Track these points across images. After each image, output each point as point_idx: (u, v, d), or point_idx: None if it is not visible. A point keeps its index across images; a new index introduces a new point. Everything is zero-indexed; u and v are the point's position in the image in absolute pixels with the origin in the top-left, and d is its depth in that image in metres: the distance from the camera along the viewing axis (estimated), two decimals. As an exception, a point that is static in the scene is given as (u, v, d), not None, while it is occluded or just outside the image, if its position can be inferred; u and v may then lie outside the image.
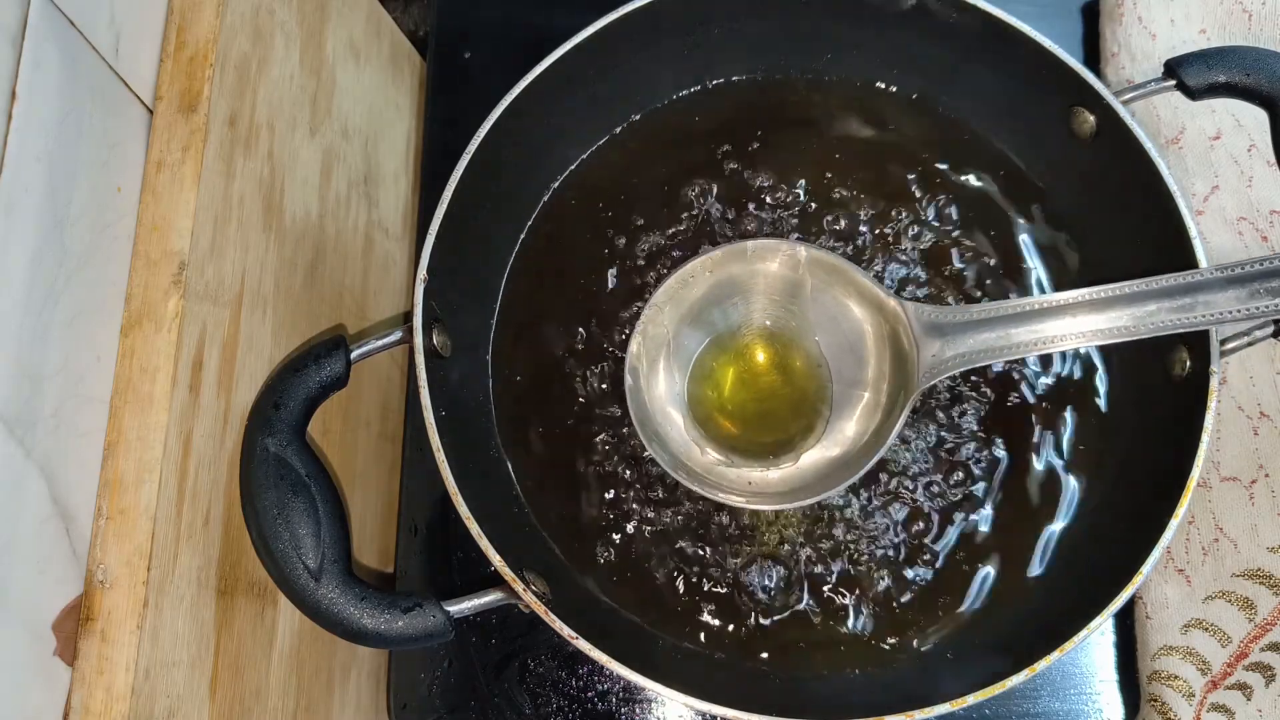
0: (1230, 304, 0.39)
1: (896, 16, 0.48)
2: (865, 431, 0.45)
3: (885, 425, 0.43)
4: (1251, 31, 0.55)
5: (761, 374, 0.48)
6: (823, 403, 0.46)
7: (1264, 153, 0.53)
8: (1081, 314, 0.40)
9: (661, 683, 0.38)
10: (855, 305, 0.45)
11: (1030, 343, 0.41)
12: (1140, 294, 0.40)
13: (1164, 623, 0.49)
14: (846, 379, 0.46)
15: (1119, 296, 0.40)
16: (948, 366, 0.42)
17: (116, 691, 0.34)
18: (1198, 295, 0.39)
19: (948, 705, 0.37)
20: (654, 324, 0.45)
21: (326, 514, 0.38)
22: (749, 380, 0.48)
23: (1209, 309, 0.39)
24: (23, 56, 0.33)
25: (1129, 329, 0.40)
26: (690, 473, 0.44)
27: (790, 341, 0.47)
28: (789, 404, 0.47)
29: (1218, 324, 0.39)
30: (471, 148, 0.44)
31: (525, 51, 0.46)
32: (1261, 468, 0.49)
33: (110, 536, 0.36)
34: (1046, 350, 0.41)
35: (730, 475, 0.45)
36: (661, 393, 0.46)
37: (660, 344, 0.46)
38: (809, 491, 0.44)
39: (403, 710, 0.51)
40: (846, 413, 0.45)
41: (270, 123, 0.44)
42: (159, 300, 0.38)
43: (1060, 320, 0.41)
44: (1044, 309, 0.41)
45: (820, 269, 0.45)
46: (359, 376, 0.42)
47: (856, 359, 0.46)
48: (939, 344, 0.42)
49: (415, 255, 0.55)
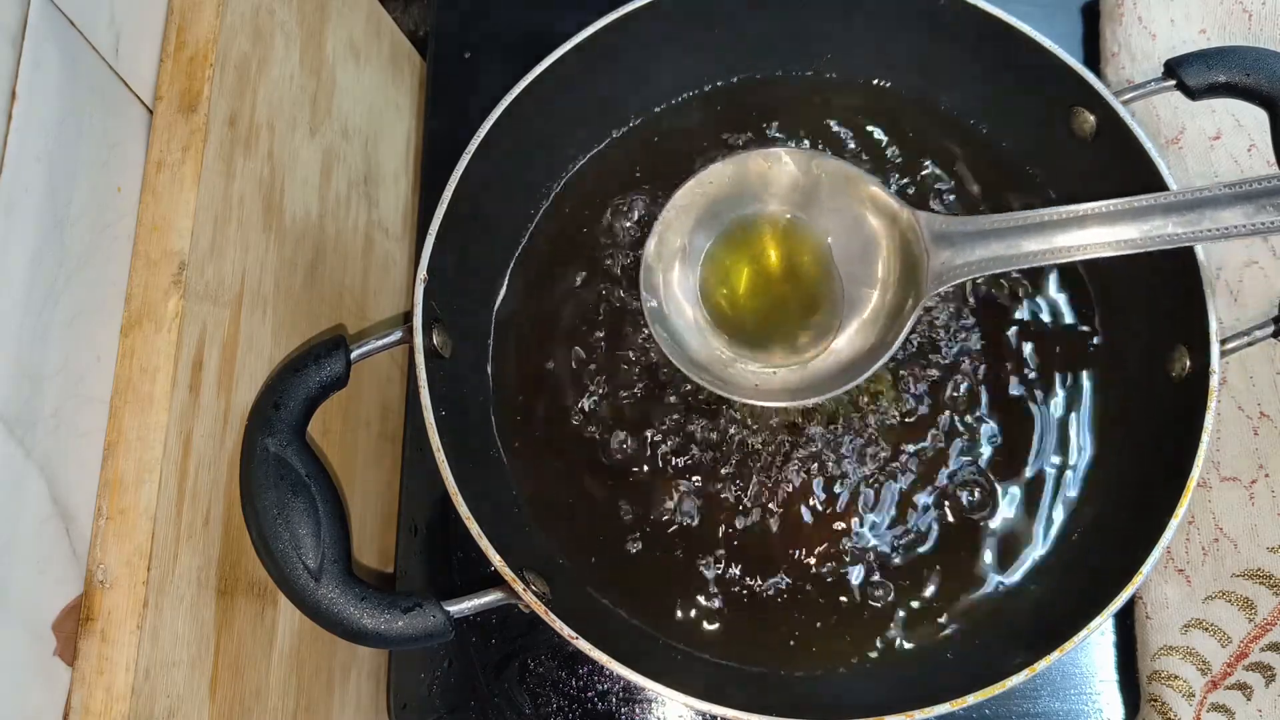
0: (1237, 219, 0.39)
1: (897, 17, 0.49)
2: (873, 334, 0.45)
3: (893, 330, 0.43)
4: (1251, 31, 0.55)
5: (773, 273, 0.48)
6: (833, 306, 0.46)
7: (1264, 153, 0.53)
8: (1091, 226, 0.40)
9: (661, 683, 0.38)
10: (868, 213, 0.45)
11: (1039, 252, 0.41)
12: (1149, 208, 0.40)
13: (1164, 623, 0.49)
14: (857, 283, 0.46)
15: (1127, 210, 0.40)
16: (958, 274, 0.42)
17: (116, 691, 0.34)
18: (1204, 210, 0.39)
19: (948, 705, 0.37)
20: (670, 226, 0.46)
21: (326, 514, 0.38)
22: (760, 278, 0.48)
23: (1216, 223, 0.39)
24: (23, 56, 0.33)
25: (1137, 241, 0.40)
26: (696, 368, 0.44)
27: (802, 244, 0.47)
28: (799, 305, 0.47)
29: (1224, 238, 0.39)
30: (471, 148, 0.44)
31: (525, 51, 0.46)
32: (1261, 468, 0.49)
33: (110, 536, 0.36)
34: (1055, 261, 0.41)
35: (736, 374, 0.45)
36: (674, 287, 0.46)
37: (675, 244, 0.46)
38: (814, 391, 0.44)
39: (403, 710, 0.51)
40: (855, 316, 0.45)
41: (270, 123, 0.44)
42: (159, 300, 0.38)
43: (1069, 232, 0.40)
44: (1054, 220, 0.41)
45: (834, 176, 0.45)
46: (359, 376, 0.42)
47: (867, 265, 0.46)
48: (949, 252, 0.42)
49: (415, 255, 0.55)
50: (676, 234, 0.46)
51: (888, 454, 0.47)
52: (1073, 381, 0.48)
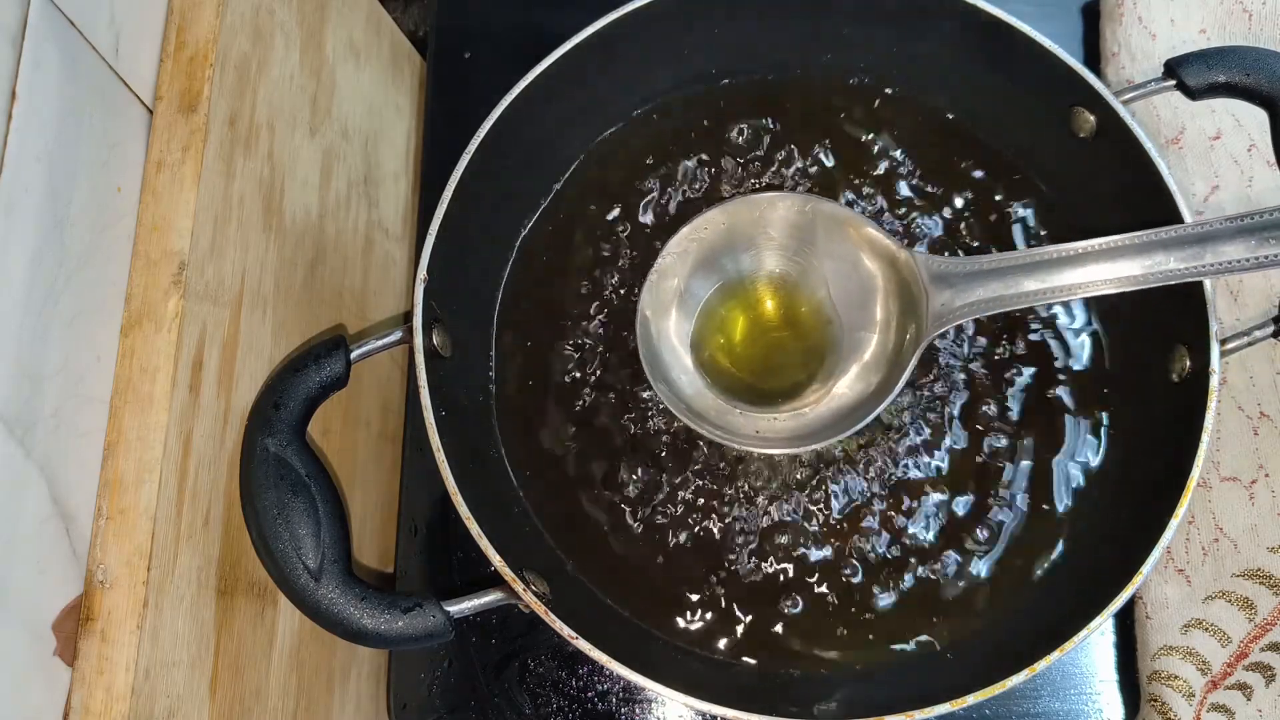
0: (1240, 253, 0.38)
1: (896, 17, 0.49)
2: (874, 379, 0.45)
3: (893, 373, 0.43)
4: (1251, 31, 0.55)
5: (770, 321, 0.48)
6: (832, 351, 0.46)
7: (1264, 153, 0.53)
8: (1091, 263, 0.40)
9: (661, 683, 0.38)
10: (865, 256, 0.45)
11: (1040, 291, 0.41)
12: (1150, 244, 0.40)
13: (1164, 623, 0.49)
14: (856, 327, 0.46)
15: (1129, 246, 0.40)
16: (958, 315, 0.42)
17: (116, 691, 0.34)
18: (1207, 244, 0.39)
19: (948, 705, 0.37)
20: (666, 274, 0.45)
21: (326, 514, 0.38)
22: (758, 327, 0.48)
23: (1219, 257, 0.39)
24: (23, 56, 0.33)
25: (1139, 277, 0.40)
26: (697, 417, 0.44)
27: (800, 290, 0.47)
28: (798, 352, 0.47)
29: (1227, 273, 0.39)
30: (471, 148, 0.44)
31: (525, 51, 0.46)
32: (1261, 468, 0.49)
33: (110, 536, 0.36)
34: (1056, 300, 0.41)
35: (737, 422, 0.45)
36: (671, 338, 0.46)
37: (671, 293, 0.46)
38: (816, 438, 0.44)
39: (403, 710, 0.51)
40: (855, 360, 0.45)
41: (270, 123, 0.44)
42: (159, 300, 0.38)
43: (1070, 270, 0.40)
44: (1054, 259, 0.41)
45: (830, 221, 0.45)
46: (359, 376, 0.42)
47: (866, 308, 0.46)
48: (949, 293, 0.42)
49: (415, 255, 0.55)
50: (672, 280, 0.46)
51: (887, 456, 0.47)
52: (1072, 381, 0.48)
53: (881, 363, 0.45)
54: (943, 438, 0.48)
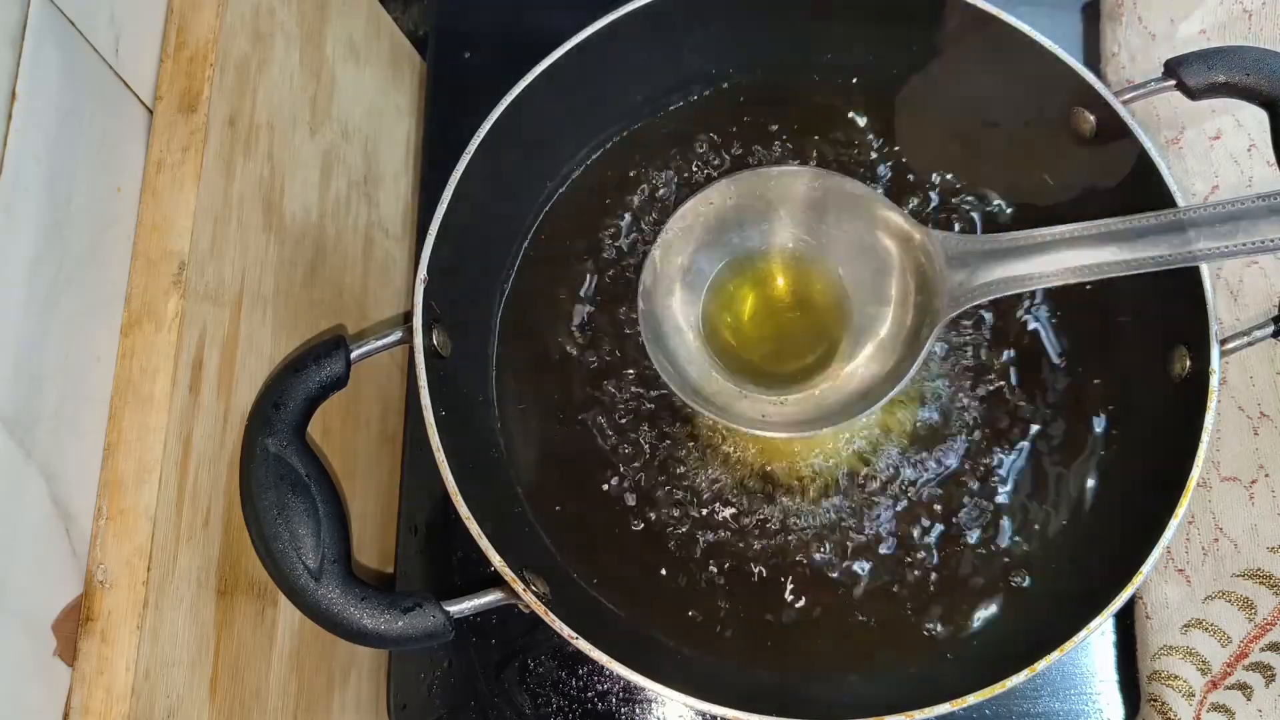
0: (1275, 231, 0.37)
1: (896, 17, 0.48)
2: (889, 359, 0.43)
3: (908, 355, 0.42)
4: (1251, 31, 0.55)
5: (780, 300, 0.46)
6: (844, 332, 0.45)
7: (1264, 153, 0.53)
8: (1114, 243, 0.39)
9: (661, 683, 0.38)
10: (879, 234, 0.44)
11: (1058, 271, 0.40)
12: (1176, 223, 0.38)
13: (1164, 623, 0.49)
14: (869, 307, 0.45)
15: (1150, 226, 0.39)
16: (975, 295, 0.41)
17: (116, 691, 0.34)
18: (1240, 222, 0.38)
19: (948, 705, 0.37)
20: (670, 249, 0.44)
21: (326, 514, 0.38)
22: (766, 306, 0.46)
23: (1251, 236, 0.37)
24: (23, 56, 0.33)
25: (1166, 257, 0.38)
26: (701, 399, 0.43)
27: (810, 268, 0.46)
28: (808, 332, 0.46)
29: (1258, 252, 0.37)
30: (471, 148, 0.44)
31: (525, 51, 0.46)
32: (1261, 468, 0.49)
33: (110, 536, 0.36)
34: (1075, 280, 0.40)
35: (744, 405, 0.44)
36: (676, 316, 0.45)
37: (676, 269, 0.45)
38: (825, 421, 0.43)
39: (403, 710, 0.51)
40: (868, 341, 0.44)
41: (270, 123, 0.44)
42: (159, 300, 0.38)
43: (1092, 249, 0.39)
44: (1074, 238, 0.40)
45: (842, 196, 0.44)
46: (359, 376, 0.42)
47: (879, 287, 0.44)
48: (965, 273, 0.41)
49: (415, 255, 0.55)
50: (678, 254, 0.45)
51: (888, 458, 0.47)
52: (1072, 382, 0.48)
53: (896, 345, 0.43)
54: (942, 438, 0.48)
